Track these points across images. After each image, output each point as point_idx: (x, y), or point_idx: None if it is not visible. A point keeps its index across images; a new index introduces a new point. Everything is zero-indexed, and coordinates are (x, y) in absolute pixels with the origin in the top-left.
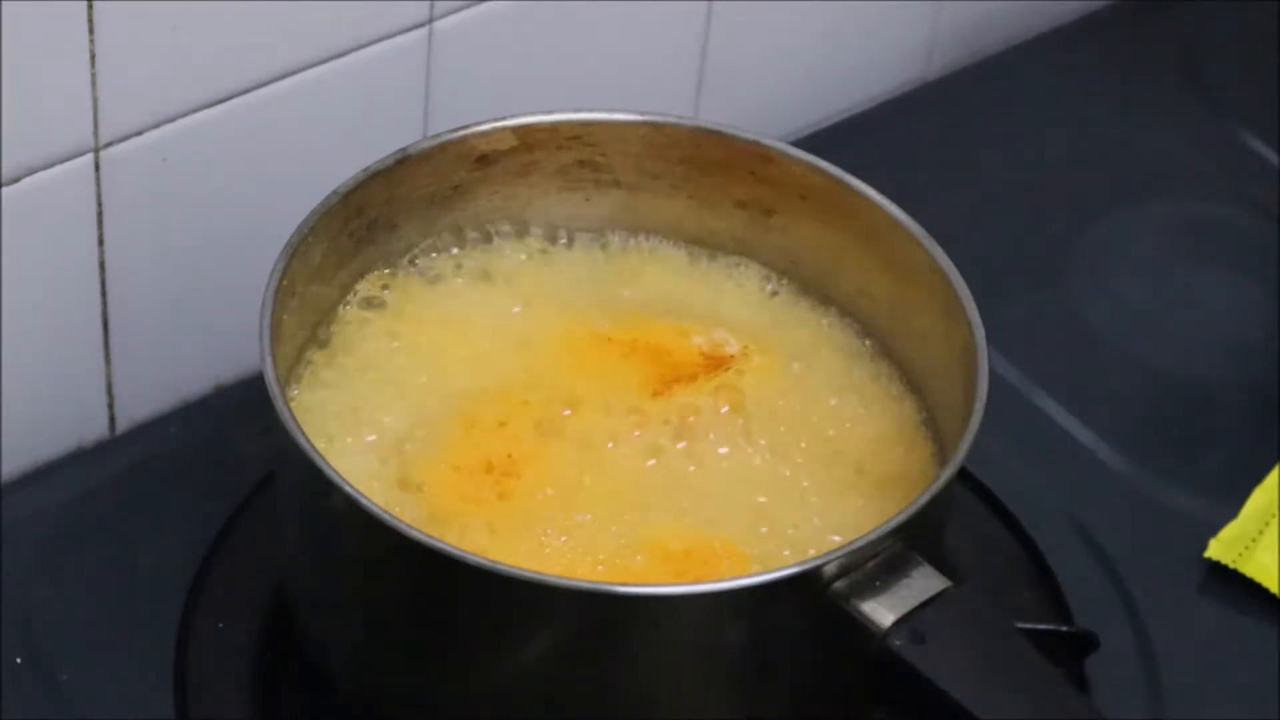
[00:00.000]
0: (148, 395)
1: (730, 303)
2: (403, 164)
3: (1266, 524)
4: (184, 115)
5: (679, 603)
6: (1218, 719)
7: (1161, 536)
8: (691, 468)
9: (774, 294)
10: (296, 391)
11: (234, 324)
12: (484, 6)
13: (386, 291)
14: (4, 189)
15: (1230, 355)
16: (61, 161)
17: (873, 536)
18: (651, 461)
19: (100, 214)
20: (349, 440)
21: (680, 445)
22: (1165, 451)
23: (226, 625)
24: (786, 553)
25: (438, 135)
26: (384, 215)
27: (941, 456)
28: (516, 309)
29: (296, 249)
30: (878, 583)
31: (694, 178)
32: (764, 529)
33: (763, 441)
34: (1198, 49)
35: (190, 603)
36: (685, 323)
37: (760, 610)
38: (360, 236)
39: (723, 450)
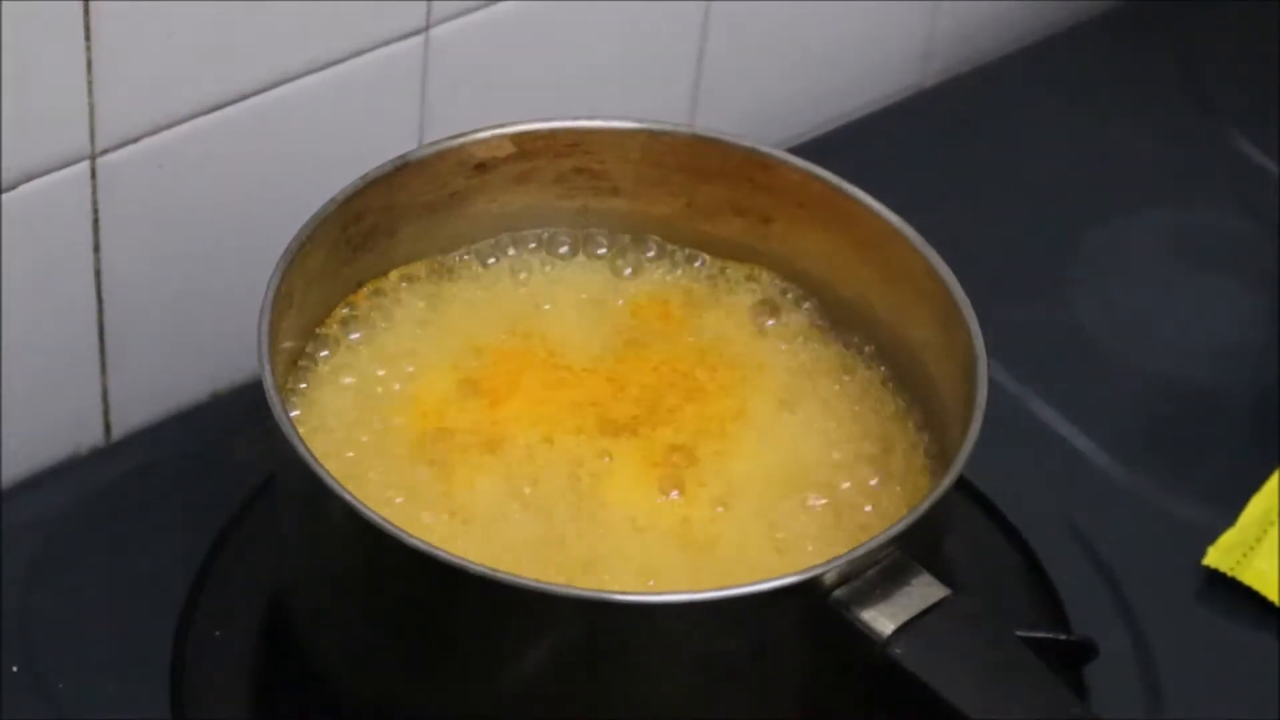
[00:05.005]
0: (144, 402)
1: (726, 308)
2: (401, 171)
3: (1265, 531)
4: (181, 122)
5: (679, 611)
6: None
7: (1160, 544)
8: (686, 464)
9: (771, 299)
10: (293, 397)
11: (230, 331)
12: (480, 14)
13: (385, 298)
14: (1, 195)
15: (1229, 363)
16: (58, 168)
17: (872, 545)
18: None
19: (96, 221)
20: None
21: (670, 453)
22: (1163, 459)
23: (224, 633)
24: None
25: (436, 142)
26: (382, 222)
27: (941, 464)
28: (513, 316)
29: (295, 256)
30: (878, 591)
31: (692, 185)
32: (758, 535)
33: (759, 444)
34: (1196, 55)
35: (187, 610)
36: (681, 329)
37: (760, 618)
38: (358, 244)
39: (714, 453)
